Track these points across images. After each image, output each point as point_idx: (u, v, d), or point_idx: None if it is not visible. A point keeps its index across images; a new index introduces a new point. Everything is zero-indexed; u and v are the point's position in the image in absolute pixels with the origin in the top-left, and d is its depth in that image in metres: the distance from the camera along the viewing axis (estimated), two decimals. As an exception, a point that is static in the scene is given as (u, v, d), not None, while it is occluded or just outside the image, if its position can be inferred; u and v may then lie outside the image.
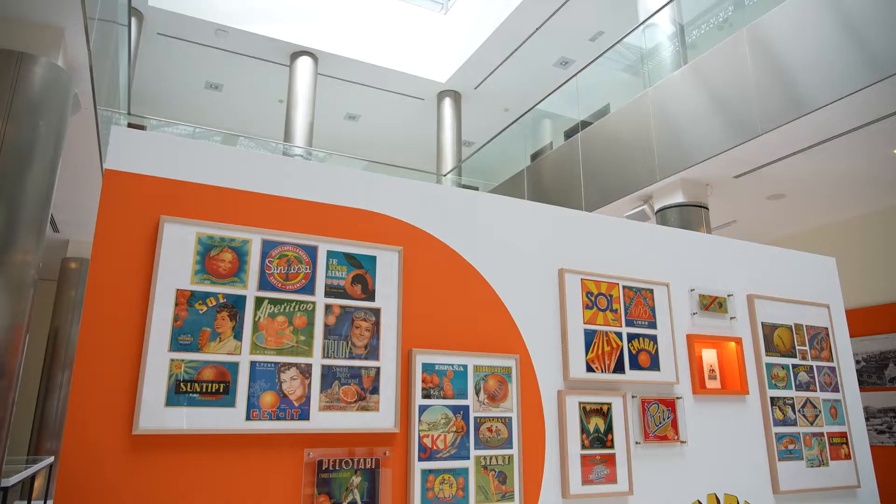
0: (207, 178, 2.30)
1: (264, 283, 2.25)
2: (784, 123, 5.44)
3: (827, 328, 3.78)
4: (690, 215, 6.76)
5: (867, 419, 6.95)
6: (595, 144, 8.04)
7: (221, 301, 2.17)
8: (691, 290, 3.31)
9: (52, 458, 6.50)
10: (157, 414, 1.98)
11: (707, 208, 6.87)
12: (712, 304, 3.34)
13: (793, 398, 3.46)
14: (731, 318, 3.41)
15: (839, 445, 3.55)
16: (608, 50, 9.20)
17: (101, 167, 6.57)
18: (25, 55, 4.29)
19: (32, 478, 5.91)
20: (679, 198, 6.79)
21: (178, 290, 2.12)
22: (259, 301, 2.22)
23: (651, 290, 3.14)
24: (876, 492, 3.65)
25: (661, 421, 2.96)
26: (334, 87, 13.95)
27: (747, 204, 7.43)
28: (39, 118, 4.19)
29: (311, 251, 2.36)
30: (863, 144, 5.83)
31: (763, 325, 3.50)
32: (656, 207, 7.07)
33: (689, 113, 6.56)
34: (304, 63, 13.23)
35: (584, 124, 8.64)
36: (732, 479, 3.13)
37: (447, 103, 14.50)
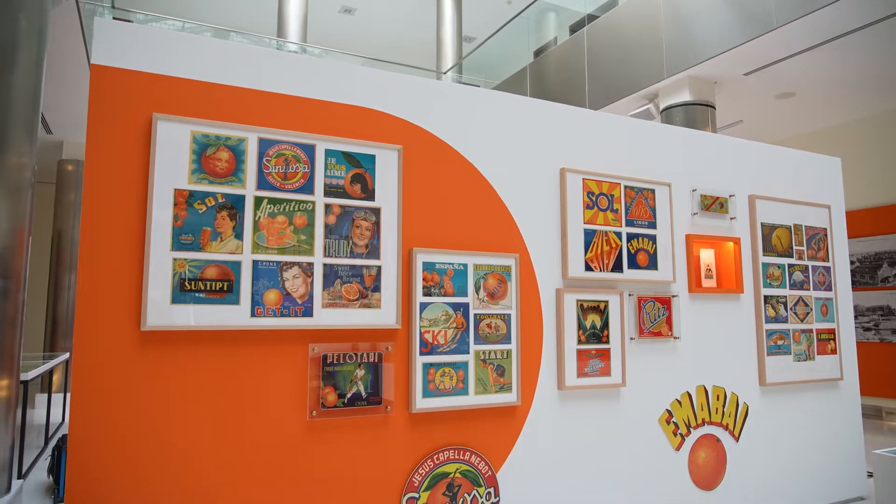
0: (200, 74, 2.22)
1: (263, 183, 2.23)
2: (801, 16, 5.18)
3: (826, 229, 3.79)
4: (696, 115, 6.59)
5: (856, 317, 7.14)
6: (601, 40, 7.70)
7: (220, 201, 2.16)
8: (693, 191, 3.29)
9: (67, 355, 6.76)
10: (163, 311, 2.03)
11: (714, 107, 6.68)
12: (713, 205, 3.33)
13: (786, 296, 3.54)
14: (732, 219, 3.41)
15: (826, 341, 3.67)
16: (619, -65, 8.58)
17: (88, 65, 6.34)
18: (-4, -60, 4.00)
19: (51, 373, 6.18)
20: (686, 96, 6.59)
21: (175, 189, 2.10)
22: (258, 201, 2.21)
23: (652, 190, 3.12)
24: (857, 383, 3.81)
25: (655, 318, 3.04)
26: (328, -24, 13.15)
27: (755, 103, 7.22)
28: (19, 11, 3.97)
29: (309, 150, 2.32)
30: (879, 41, 5.58)
31: (762, 225, 3.51)
32: (662, 106, 6.89)
33: (701, 4, 6.23)
34: (294, -50, 12.37)
35: (591, 18, 8.23)
36: (721, 372, 3.26)
37: (447, -5, 13.71)
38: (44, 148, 8.58)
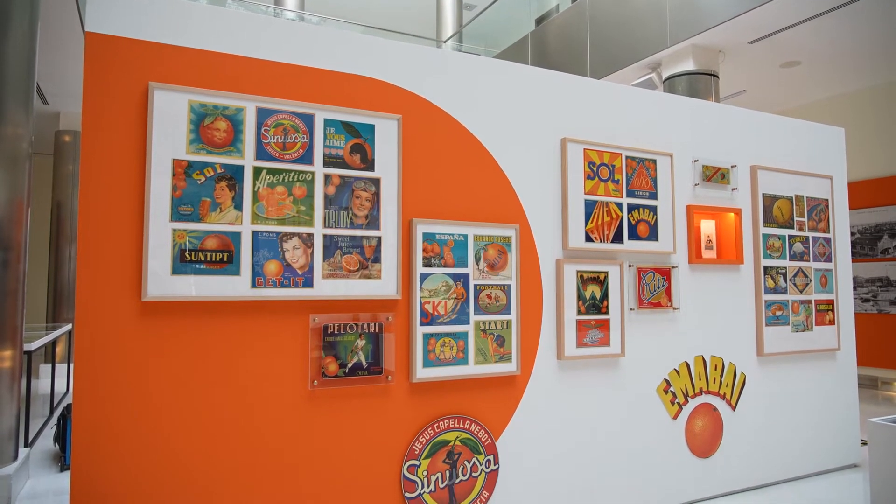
0: (197, 43, 2.18)
1: (261, 153, 2.21)
2: (808, -18, 5.09)
3: (827, 200, 3.78)
4: (699, 84, 6.51)
5: (854, 288, 7.16)
6: (604, 7, 7.56)
7: (219, 171, 2.14)
8: (694, 161, 3.27)
9: (70, 326, 6.80)
10: (164, 282, 2.04)
11: (717, 77, 6.60)
12: (715, 175, 3.31)
13: (786, 268, 3.55)
14: (733, 190, 3.40)
15: (825, 312, 3.69)
16: None
17: (83, 33, 6.24)
18: None
19: (54, 344, 6.22)
20: (689, 65, 6.50)
21: (174, 160, 2.09)
22: (257, 171, 2.20)
23: (654, 161, 3.10)
24: (854, 353, 3.84)
25: (655, 288, 3.05)
26: (325, -59, 12.84)
27: (760, 72, 7.12)
28: (10, -23, 3.89)
29: (308, 119, 2.30)
30: (886, 9, 5.49)
31: (764, 196, 3.49)
32: (664, 76, 6.80)
33: (706, -29, 6.10)
34: (290, -86, 12.06)
35: (594, -16, 8.06)
36: (720, 342, 3.28)
37: (447, -40, 13.40)
38: (41, 119, 8.49)
